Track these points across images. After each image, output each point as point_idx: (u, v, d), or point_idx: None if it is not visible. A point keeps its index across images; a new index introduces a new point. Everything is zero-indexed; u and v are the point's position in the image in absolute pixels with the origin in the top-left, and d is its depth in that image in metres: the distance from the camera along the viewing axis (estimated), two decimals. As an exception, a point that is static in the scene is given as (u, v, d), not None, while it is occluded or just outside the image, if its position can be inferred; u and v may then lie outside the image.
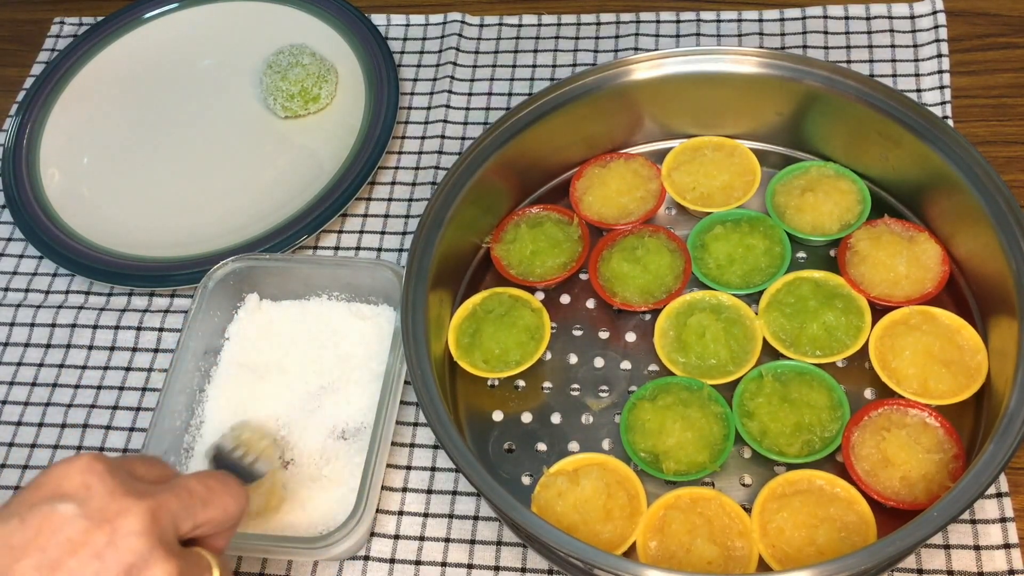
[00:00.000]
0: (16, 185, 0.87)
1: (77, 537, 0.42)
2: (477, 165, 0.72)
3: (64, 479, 0.45)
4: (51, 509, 0.43)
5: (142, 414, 0.76)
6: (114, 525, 0.43)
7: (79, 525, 0.43)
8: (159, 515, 0.45)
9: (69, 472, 0.45)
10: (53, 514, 0.43)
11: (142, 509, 0.44)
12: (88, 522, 0.43)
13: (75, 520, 0.43)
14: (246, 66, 0.94)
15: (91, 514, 0.43)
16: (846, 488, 0.62)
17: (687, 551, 0.60)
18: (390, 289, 0.73)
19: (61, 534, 0.42)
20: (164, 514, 0.45)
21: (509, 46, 0.93)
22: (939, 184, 0.70)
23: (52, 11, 1.03)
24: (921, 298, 0.69)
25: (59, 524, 0.43)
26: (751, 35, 0.90)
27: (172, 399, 0.68)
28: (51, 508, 0.43)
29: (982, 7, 0.89)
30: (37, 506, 0.43)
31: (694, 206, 0.76)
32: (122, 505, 0.44)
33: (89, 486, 0.44)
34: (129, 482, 0.46)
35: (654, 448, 0.65)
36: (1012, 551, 0.63)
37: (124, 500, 0.44)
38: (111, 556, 0.42)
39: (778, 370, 0.67)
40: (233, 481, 0.52)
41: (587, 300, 0.75)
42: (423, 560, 0.67)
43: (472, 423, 0.70)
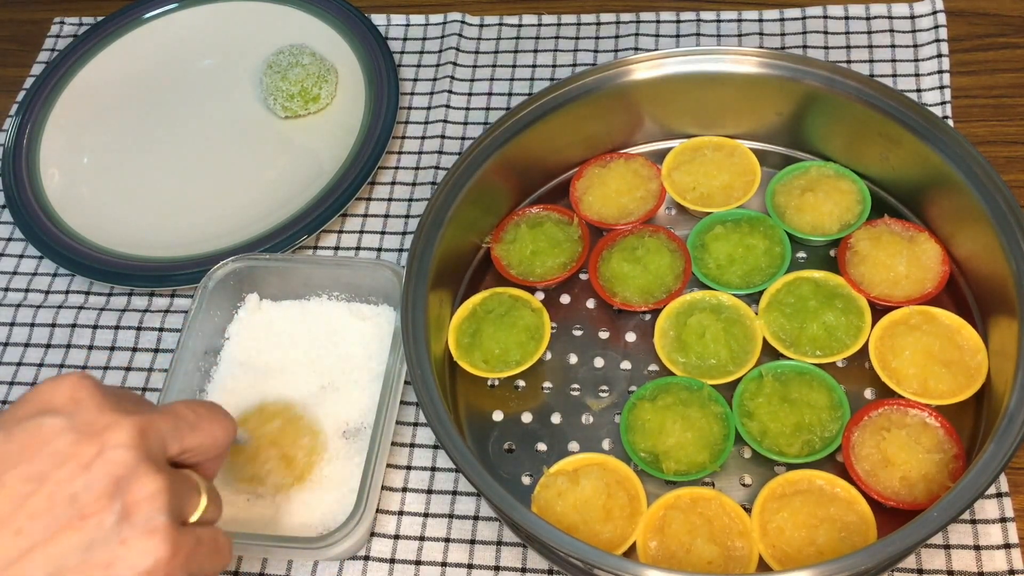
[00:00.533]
0: (16, 185, 0.87)
1: (65, 449, 0.43)
2: (477, 165, 0.72)
3: (52, 394, 0.45)
4: (39, 423, 0.43)
5: (142, 414, 0.76)
6: (102, 438, 0.43)
7: (67, 438, 0.43)
8: (147, 431, 0.45)
9: (58, 388, 0.45)
10: (41, 427, 0.43)
11: (130, 424, 0.44)
12: (76, 435, 0.43)
13: (63, 433, 0.43)
14: (246, 66, 0.94)
15: (79, 427, 0.43)
16: (846, 488, 0.62)
17: (687, 551, 0.60)
18: (390, 289, 0.73)
19: (49, 446, 0.43)
20: (152, 431, 0.45)
21: (509, 46, 0.93)
22: (939, 184, 0.70)
23: (52, 11, 1.03)
24: (921, 298, 0.69)
25: (47, 437, 0.43)
26: (751, 35, 0.90)
27: (172, 399, 0.68)
28: (39, 422, 0.43)
29: (982, 7, 0.89)
30: (25, 420, 0.44)
31: (694, 206, 0.76)
32: (110, 419, 0.44)
33: (78, 400, 0.45)
34: (117, 400, 0.46)
35: (654, 448, 0.65)
36: (1012, 551, 0.63)
37: (112, 415, 0.44)
38: (99, 468, 0.43)
39: (778, 370, 0.67)
40: (221, 410, 0.52)
41: (587, 300, 0.75)
42: (423, 560, 0.67)
43: (472, 423, 0.70)
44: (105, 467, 0.43)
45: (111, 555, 0.42)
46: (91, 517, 0.42)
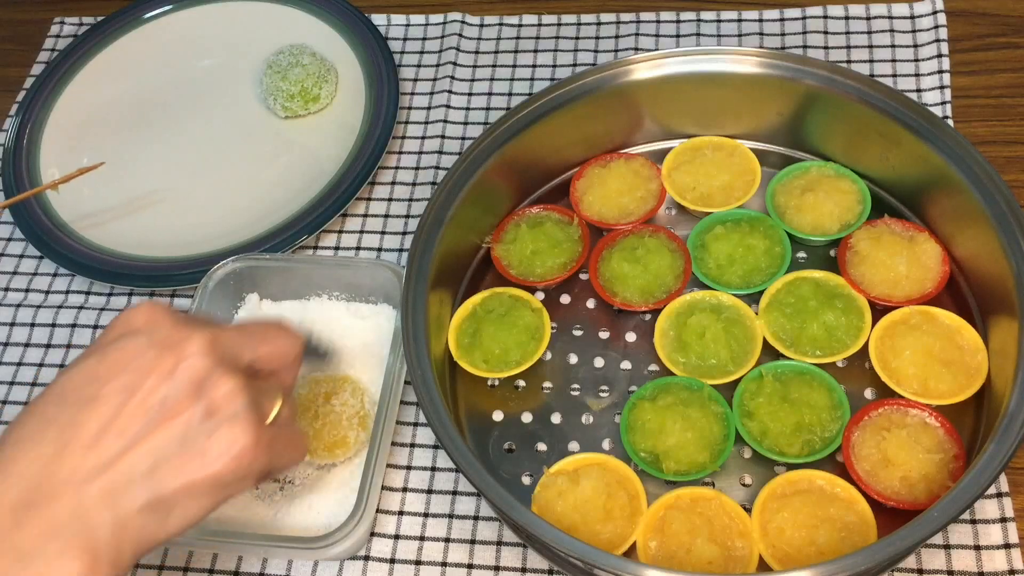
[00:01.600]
0: (16, 185, 0.87)
1: (149, 363, 0.49)
2: (477, 165, 0.72)
3: (132, 319, 0.52)
4: (124, 343, 0.50)
5: (142, 414, 0.76)
6: (180, 349, 0.49)
7: (150, 352, 0.49)
8: (217, 341, 0.51)
9: (136, 313, 0.52)
10: (127, 346, 0.50)
11: (201, 335, 0.50)
12: (157, 349, 0.49)
13: (145, 349, 0.49)
14: (246, 66, 0.94)
15: (158, 343, 0.50)
16: (846, 488, 0.62)
17: (687, 551, 0.60)
18: (390, 289, 0.73)
19: (135, 361, 0.49)
20: (223, 341, 0.51)
21: (509, 46, 0.93)
22: (939, 184, 0.70)
23: (52, 11, 1.03)
24: (921, 298, 0.69)
25: (133, 353, 0.49)
26: (751, 35, 0.90)
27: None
28: (125, 341, 0.50)
29: (982, 7, 0.89)
30: (112, 343, 0.50)
31: (694, 206, 0.76)
32: (184, 334, 0.50)
33: (154, 321, 0.51)
34: (188, 319, 0.52)
35: (654, 448, 0.65)
36: (1012, 551, 0.63)
37: (186, 330, 0.51)
38: (180, 374, 0.49)
39: (778, 370, 0.67)
40: (286, 325, 0.57)
41: (587, 300, 0.75)
42: (423, 560, 0.67)
43: (472, 423, 0.70)
44: (185, 373, 0.49)
45: (202, 446, 0.48)
46: (180, 415, 0.48)
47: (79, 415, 0.48)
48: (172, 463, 0.48)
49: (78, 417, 0.48)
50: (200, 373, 0.49)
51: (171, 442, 0.48)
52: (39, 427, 0.48)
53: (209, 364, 0.49)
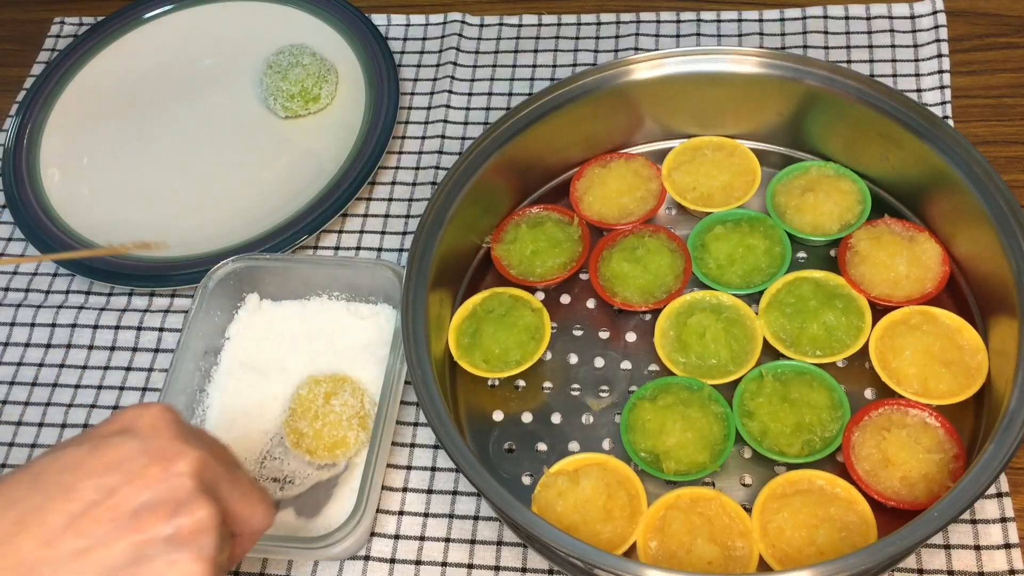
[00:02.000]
0: (16, 185, 0.87)
1: (136, 468, 0.47)
2: (477, 165, 0.72)
3: (137, 419, 0.50)
4: (120, 441, 0.48)
5: (142, 414, 0.76)
6: (171, 464, 0.48)
7: (141, 459, 0.47)
8: (208, 467, 0.49)
9: (144, 413, 0.50)
10: (121, 446, 0.48)
11: (195, 455, 0.48)
12: (149, 457, 0.47)
13: (137, 454, 0.47)
14: (246, 66, 0.94)
15: (152, 451, 0.48)
16: (846, 488, 0.62)
17: (687, 551, 0.60)
18: (390, 289, 0.73)
19: (124, 464, 0.47)
20: (212, 470, 0.49)
21: (509, 46, 0.93)
22: (939, 184, 0.70)
23: (52, 11, 1.03)
24: (921, 298, 0.69)
25: (124, 455, 0.47)
26: (751, 35, 0.90)
27: (172, 399, 0.68)
28: (120, 440, 0.48)
29: (982, 7, 0.89)
30: (108, 438, 0.48)
31: (694, 206, 0.76)
32: (180, 448, 0.48)
33: (156, 428, 0.49)
34: (190, 432, 0.50)
35: (654, 448, 0.65)
36: (1012, 551, 0.63)
37: (182, 444, 0.49)
38: (161, 489, 0.47)
39: (778, 370, 0.67)
40: (268, 495, 0.54)
41: (587, 300, 0.75)
42: (423, 560, 0.67)
43: (472, 423, 0.70)
44: (168, 490, 0.47)
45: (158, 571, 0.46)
46: (147, 531, 0.46)
47: (48, 502, 0.46)
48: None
49: (46, 504, 0.45)
50: (181, 494, 0.47)
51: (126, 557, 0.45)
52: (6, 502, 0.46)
53: (192, 487, 0.47)
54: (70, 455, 0.47)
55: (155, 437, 0.49)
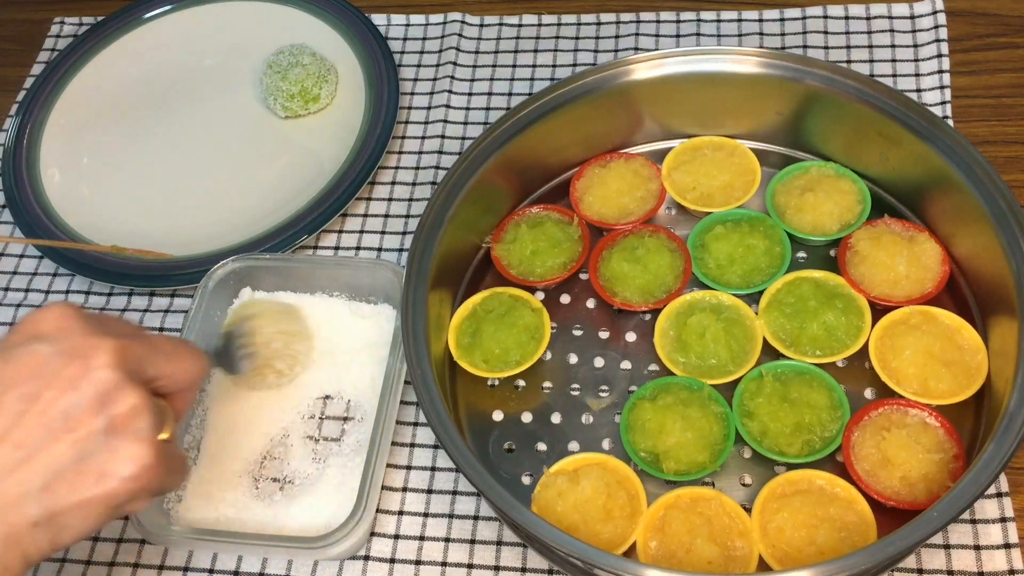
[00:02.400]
0: (16, 185, 0.87)
1: (54, 371, 0.47)
2: (477, 165, 0.72)
3: (41, 322, 0.49)
4: (31, 348, 0.48)
5: (142, 414, 0.75)
6: (87, 360, 0.47)
7: (56, 361, 0.47)
8: (126, 353, 0.49)
9: (46, 316, 0.49)
10: (33, 353, 0.47)
11: (111, 346, 0.48)
12: (64, 358, 0.47)
13: (52, 357, 0.47)
14: (246, 66, 0.94)
15: (66, 351, 0.48)
16: (846, 488, 0.62)
17: (687, 551, 0.60)
18: (390, 289, 0.73)
19: (40, 369, 0.47)
20: (131, 354, 0.49)
21: (509, 46, 0.93)
22: (939, 184, 0.70)
23: (52, 11, 1.03)
24: (921, 298, 0.69)
25: (39, 361, 0.47)
26: (751, 35, 0.90)
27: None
28: (31, 348, 0.48)
29: (982, 7, 0.89)
30: (17, 346, 0.48)
31: (694, 206, 0.76)
32: (94, 342, 0.48)
33: (63, 328, 0.49)
34: (99, 325, 0.50)
35: (654, 448, 0.65)
36: (1012, 551, 0.63)
37: (95, 338, 0.48)
38: (85, 386, 0.47)
39: (778, 370, 0.67)
40: (194, 347, 0.55)
41: (587, 300, 0.75)
42: (423, 560, 0.67)
43: (472, 423, 0.70)
44: (91, 385, 0.47)
45: (102, 462, 0.47)
46: (81, 428, 0.47)
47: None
48: (67, 479, 0.46)
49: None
50: (105, 386, 0.47)
51: (68, 457, 0.46)
52: None
53: (115, 378, 0.47)
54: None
55: (65, 337, 0.48)
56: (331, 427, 0.71)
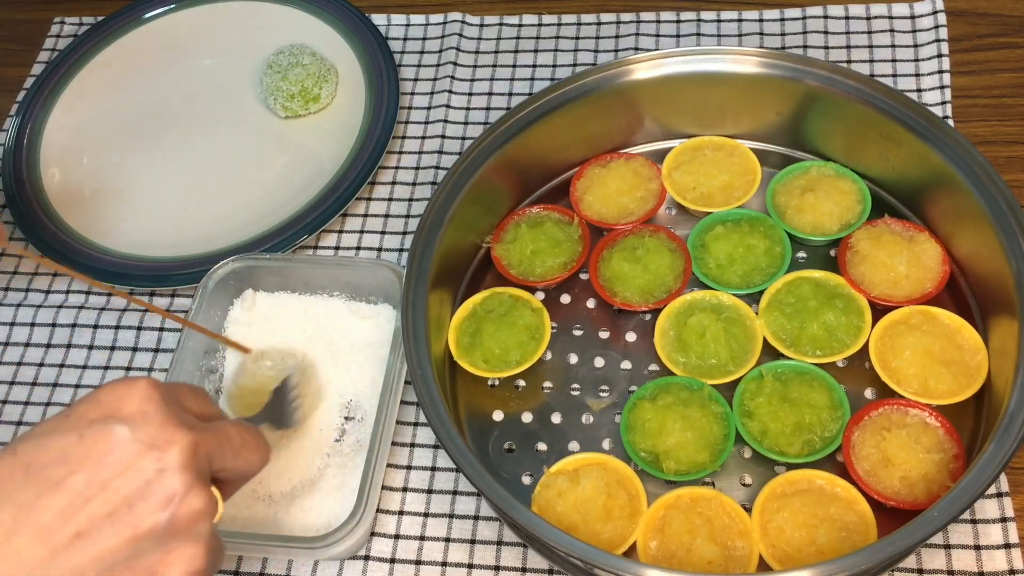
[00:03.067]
0: (16, 185, 0.87)
1: (129, 460, 0.45)
2: (477, 165, 0.72)
3: (123, 401, 0.47)
4: (109, 430, 0.46)
5: (142, 414, 0.75)
6: (164, 455, 0.46)
7: (132, 448, 0.46)
8: (200, 450, 0.48)
9: (129, 395, 0.47)
10: (110, 435, 0.46)
11: (188, 442, 0.47)
12: (140, 446, 0.46)
13: (129, 444, 0.46)
14: (246, 66, 0.94)
15: (144, 439, 0.46)
16: (846, 488, 0.62)
17: (687, 551, 0.60)
18: (390, 289, 0.73)
19: (115, 455, 0.45)
20: (203, 450, 0.48)
21: (509, 46, 0.93)
22: (939, 184, 0.70)
23: (52, 11, 1.03)
24: (921, 298, 0.69)
25: (114, 445, 0.46)
26: (751, 35, 0.90)
27: (172, 399, 0.68)
28: (109, 429, 0.46)
29: (982, 7, 0.89)
30: (95, 424, 0.46)
31: (694, 206, 0.76)
32: (172, 436, 0.47)
33: (145, 413, 0.47)
34: (180, 414, 0.48)
35: (654, 448, 0.65)
36: (1012, 551, 0.63)
37: (175, 431, 0.47)
38: (157, 483, 0.46)
39: (778, 370, 0.67)
40: (263, 439, 0.54)
41: (587, 300, 0.75)
42: (423, 560, 0.67)
43: (472, 423, 0.70)
44: (162, 485, 0.46)
45: (155, 563, 0.46)
46: (143, 525, 0.45)
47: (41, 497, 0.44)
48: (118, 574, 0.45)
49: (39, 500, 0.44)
50: (175, 488, 0.46)
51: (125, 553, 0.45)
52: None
53: (187, 480, 0.47)
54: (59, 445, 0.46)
55: (144, 424, 0.47)
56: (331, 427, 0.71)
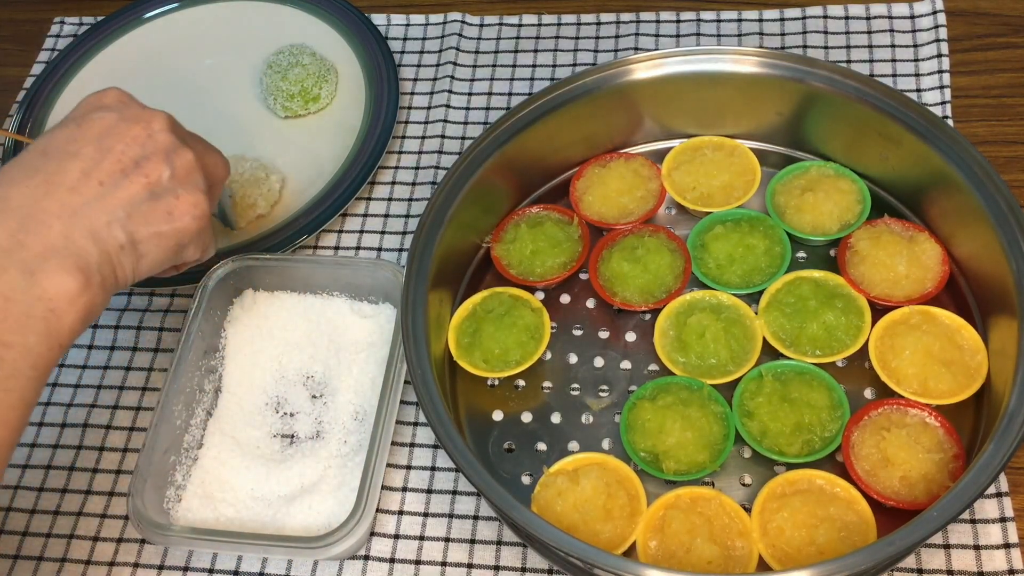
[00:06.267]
0: (16, 185, 0.87)
1: (122, 130, 0.58)
2: (477, 165, 0.72)
3: (102, 97, 0.60)
4: (99, 115, 0.58)
5: (142, 414, 0.76)
6: (148, 123, 0.59)
7: (122, 124, 0.58)
8: (175, 124, 0.61)
9: (105, 94, 0.60)
10: (103, 118, 0.58)
11: (163, 115, 0.60)
12: (127, 122, 0.58)
13: (118, 121, 0.58)
14: (246, 66, 0.94)
15: (129, 117, 0.58)
16: (846, 488, 0.62)
17: (687, 551, 0.60)
18: (390, 289, 0.73)
19: (111, 130, 0.57)
20: (178, 126, 0.61)
21: (509, 46, 0.93)
22: (939, 184, 0.70)
23: (52, 11, 1.03)
24: (921, 298, 0.69)
25: (108, 122, 0.58)
26: (751, 35, 0.90)
27: (172, 399, 0.68)
28: (99, 114, 0.58)
29: (982, 7, 0.89)
30: (86, 114, 0.58)
31: (694, 206, 0.76)
32: (149, 112, 0.60)
33: (122, 101, 0.60)
34: (145, 104, 0.61)
35: (654, 448, 0.65)
36: (1012, 551, 0.63)
37: (149, 110, 0.60)
38: (151, 143, 0.58)
39: (778, 370, 0.67)
40: (223, 155, 0.67)
41: (587, 300, 0.75)
42: (423, 560, 0.67)
43: (472, 423, 0.70)
44: (155, 142, 0.58)
45: (170, 204, 0.58)
46: (152, 174, 0.57)
47: (63, 164, 0.55)
48: (144, 212, 0.56)
49: (62, 166, 0.55)
50: (168, 144, 0.58)
51: (142, 196, 0.56)
52: (26, 174, 0.55)
53: (173, 139, 0.59)
54: (63, 132, 0.57)
55: (126, 107, 0.59)
56: (331, 427, 0.71)
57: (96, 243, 0.54)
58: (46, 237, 0.53)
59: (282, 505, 0.67)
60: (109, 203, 0.55)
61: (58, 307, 0.52)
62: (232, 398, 0.73)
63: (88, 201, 0.55)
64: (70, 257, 0.53)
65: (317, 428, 0.71)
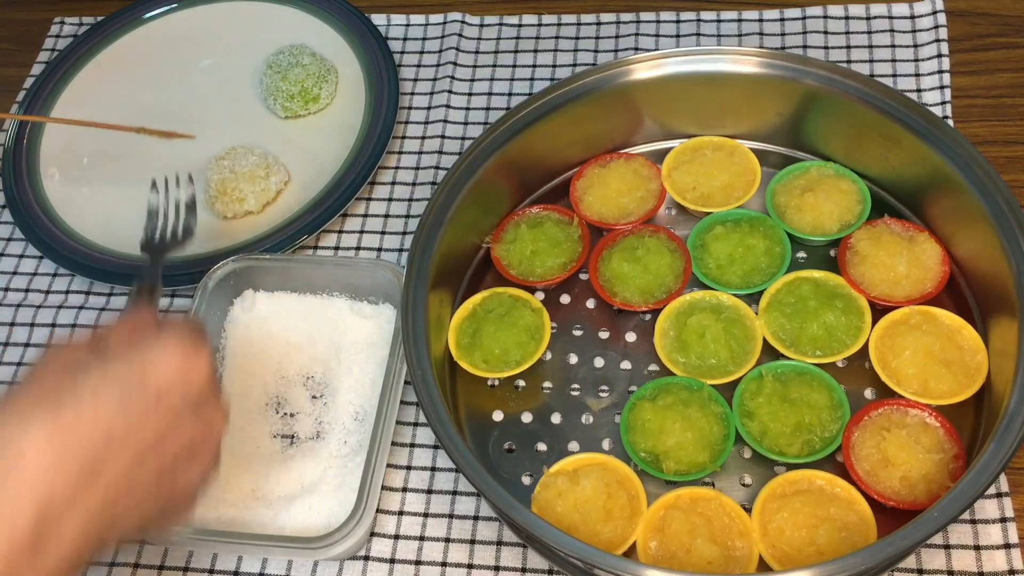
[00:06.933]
0: (16, 185, 0.87)
1: (187, 432, 0.53)
2: (477, 165, 0.72)
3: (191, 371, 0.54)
4: (170, 401, 0.52)
5: (142, 414, 0.75)
6: (211, 426, 0.55)
7: (187, 423, 0.53)
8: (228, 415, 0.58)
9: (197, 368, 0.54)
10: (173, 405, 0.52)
11: (223, 408, 0.57)
12: (193, 421, 0.54)
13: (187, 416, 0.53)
14: (246, 66, 0.94)
15: (199, 417, 0.54)
16: (846, 488, 0.62)
17: (687, 551, 0.60)
18: (390, 289, 0.73)
19: (178, 426, 0.53)
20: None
21: (509, 46, 0.93)
22: (939, 184, 0.70)
23: (52, 11, 1.03)
24: (921, 298, 0.69)
25: (177, 415, 0.53)
26: (751, 35, 0.90)
27: (172, 399, 0.68)
28: (170, 401, 0.52)
29: (982, 7, 0.89)
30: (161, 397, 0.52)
31: (694, 206, 0.76)
32: (220, 415, 0.56)
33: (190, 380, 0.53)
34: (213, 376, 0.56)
35: (654, 448, 0.65)
36: (1012, 551, 0.63)
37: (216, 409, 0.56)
38: (208, 439, 0.55)
39: (778, 370, 0.67)
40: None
41: (587, 300, 0.75)
42: (423, 560, 0.67)
43: (472, 423, 0.70)
44: (211, 439, 0.55)
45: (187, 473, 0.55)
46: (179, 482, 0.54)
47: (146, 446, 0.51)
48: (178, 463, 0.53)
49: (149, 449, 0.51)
50: (207, 447, 0.55)
51: (181, 451, 0.53)
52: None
53: (215, 447, 0.56)
54: (140, 414, 0.51)
55: (204, 401, 0.54)
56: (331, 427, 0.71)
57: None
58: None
59: (282, 505, 0.67)
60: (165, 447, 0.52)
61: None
62: (232, 398, 0.72)
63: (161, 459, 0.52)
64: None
65: (317, 428, 0.71)
